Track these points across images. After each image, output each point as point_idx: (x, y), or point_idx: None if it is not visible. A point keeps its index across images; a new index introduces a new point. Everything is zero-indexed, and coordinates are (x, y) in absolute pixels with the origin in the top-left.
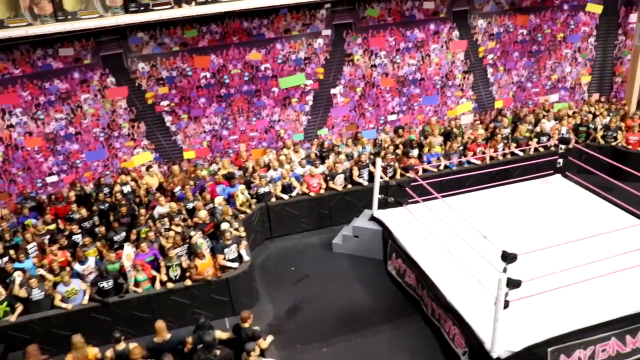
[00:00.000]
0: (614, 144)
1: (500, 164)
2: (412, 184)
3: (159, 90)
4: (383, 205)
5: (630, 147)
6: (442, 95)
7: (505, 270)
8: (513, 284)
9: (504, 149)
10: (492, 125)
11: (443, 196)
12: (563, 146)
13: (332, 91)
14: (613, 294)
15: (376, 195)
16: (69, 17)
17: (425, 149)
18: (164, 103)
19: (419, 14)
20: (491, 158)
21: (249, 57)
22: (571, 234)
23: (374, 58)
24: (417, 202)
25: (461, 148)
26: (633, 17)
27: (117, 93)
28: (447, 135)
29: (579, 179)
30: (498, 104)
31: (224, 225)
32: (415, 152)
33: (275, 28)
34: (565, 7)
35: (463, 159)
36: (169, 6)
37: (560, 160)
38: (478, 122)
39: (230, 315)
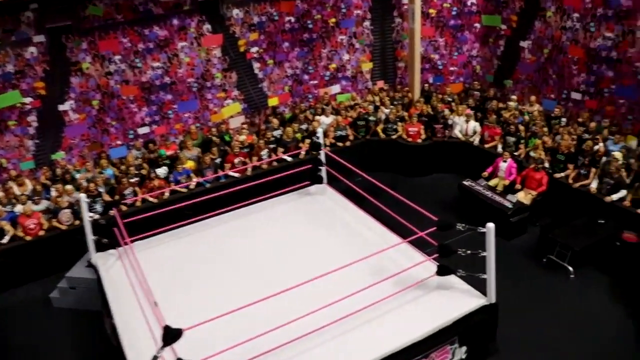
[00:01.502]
0: (394, 137)
1: (264, 174)
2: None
3: None
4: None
5: (410, 139)
6: (201, 99)
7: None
8: None
9: (270, 156)
10: (263, 127)
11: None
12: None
13: (61, 108)
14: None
15: (90, 237)
16: None
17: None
18: None
19: (156, 8)
20: (255, 168)
21: None
22: (314, 265)
23: (108, 64)
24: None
25: (218, 160)
26: None
27: None
28: (207, 146)
29: (350, 183)
30: (272, 102)
31: None
32: (162, 170)
33: None
34: None
35: (220, 174)
36: None
37: (322, 168)
38: (244, 126)
39: None
